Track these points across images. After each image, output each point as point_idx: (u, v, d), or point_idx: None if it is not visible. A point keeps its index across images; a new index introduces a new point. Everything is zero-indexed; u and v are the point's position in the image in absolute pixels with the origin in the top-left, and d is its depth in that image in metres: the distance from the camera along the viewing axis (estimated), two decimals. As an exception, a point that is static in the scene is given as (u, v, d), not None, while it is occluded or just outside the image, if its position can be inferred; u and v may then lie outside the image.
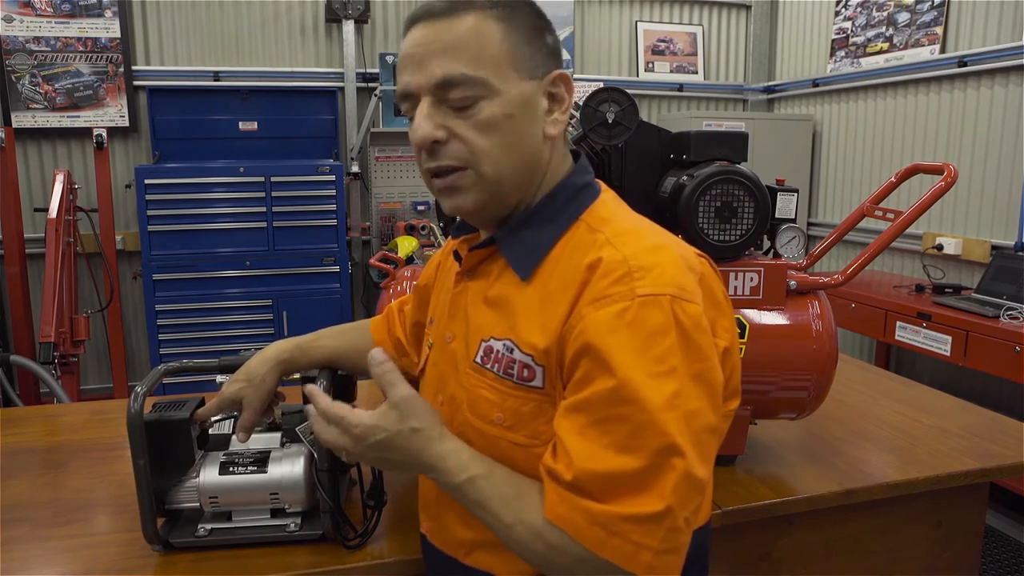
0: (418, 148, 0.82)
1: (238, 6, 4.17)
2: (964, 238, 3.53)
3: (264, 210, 3.81)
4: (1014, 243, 3.24)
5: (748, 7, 4.98)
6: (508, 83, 0.80)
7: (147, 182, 3.65)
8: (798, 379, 1.31)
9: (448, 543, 0.91)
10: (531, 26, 0.82)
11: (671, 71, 4.91)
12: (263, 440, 1.15)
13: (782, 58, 4.95)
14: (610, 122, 1.22)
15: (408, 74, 0.81)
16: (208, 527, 1.10)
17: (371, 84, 4.31)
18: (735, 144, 1.32)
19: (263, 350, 1.13)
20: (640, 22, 4.84)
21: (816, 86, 4.54)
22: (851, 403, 1.73)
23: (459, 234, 0.95)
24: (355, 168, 4.16)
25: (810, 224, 4.67)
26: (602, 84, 3.82)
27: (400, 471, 0.83)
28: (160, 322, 3.75)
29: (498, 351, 0.82)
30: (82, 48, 3.92)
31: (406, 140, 2.98)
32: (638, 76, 4.85)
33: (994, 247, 3.35)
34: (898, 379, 1.95)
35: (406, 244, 3.60)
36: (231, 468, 1.10)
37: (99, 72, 3.96)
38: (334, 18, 4.19)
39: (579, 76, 4.71)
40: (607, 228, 0.80)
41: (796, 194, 1.34)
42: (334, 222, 3.92)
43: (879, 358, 3.90)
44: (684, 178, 1.28)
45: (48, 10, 3.84)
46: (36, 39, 3.85)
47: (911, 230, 3.64)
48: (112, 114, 4.00)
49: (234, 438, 1.15)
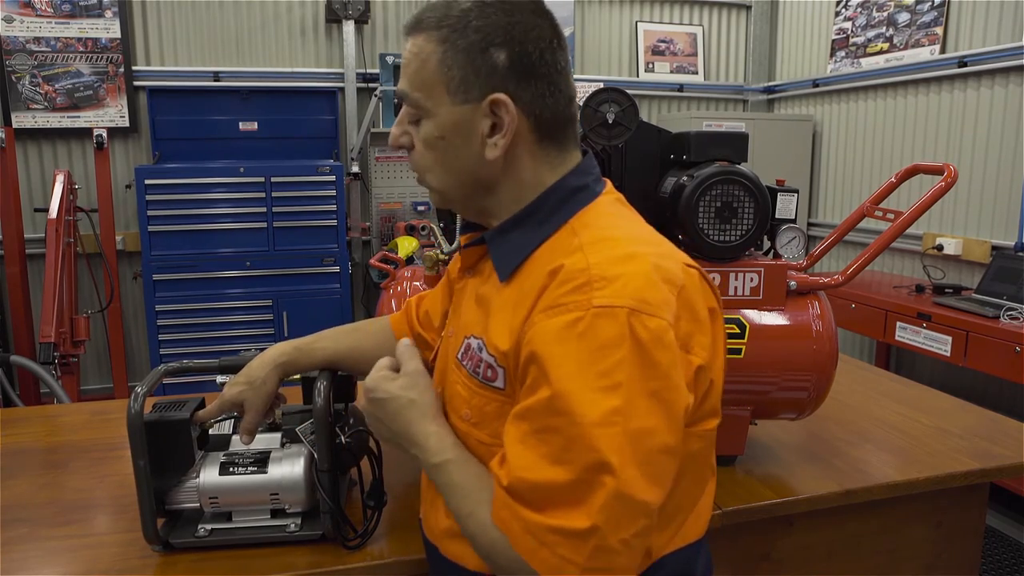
0: None
1: (238, 6, 4.17)
2: (964, 238, 3.53)
3: (264, 210, 3.81)
4: (1014, 243, 3.24)
5: (748, 7, 4.98)
6: (441, 106, 0.81)
7: (147, 182, 3.65)
8: (798, 379, 1.31)
9: (432, 530, 0.93)
10: (474, 47, 0.79)
11: (671, 71, 4.91)
12: (263, 440, 1.15)
13: (782, 58, 4.95)
14: (610, 122, 1.22)
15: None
16: (208, 527, 1.10)
17: (371, 84, 4.31)
18: (735, 144, 1.32)
19: (263, 353, 1.13)
20: (640, 22, 4.84)
21: (816, 86, 4.54)
22: (851, 403, 1.73)
23: (464, 231, 0.96)
24: (355, 168, 4.16)
25: (810, 224, 4.67)
26: (602, 84, 3.81)
27: (389, 438, 0.89)
28: (160, 322, 3.75)
29: (473, 349, 0.84)
30: (82, 48, 3.92)
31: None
32: (638, 76, 4.85)
33: (994, 247, 3.35)
34: (898, 379, 1.95)
35: (406, 244, 3.60)
36: (231, 468, 1.10)
37: (99, 72, 3.96)
38: (334, 18, 4.19)
39: (579, 76, 4.71)
40: (586, 233, 0.79)
41: (796, 194, 1.34)
42: (334, 222, 3.93)
43: (879, 358, 3.90)
44: (684, 178, 1.28)
45: (48, 10, 3.84)
46: (36, 39, 3.85)
47: (911, 230, 3.63)
48: (112, 114, 4.00)
49: (234, 438, 1.15)
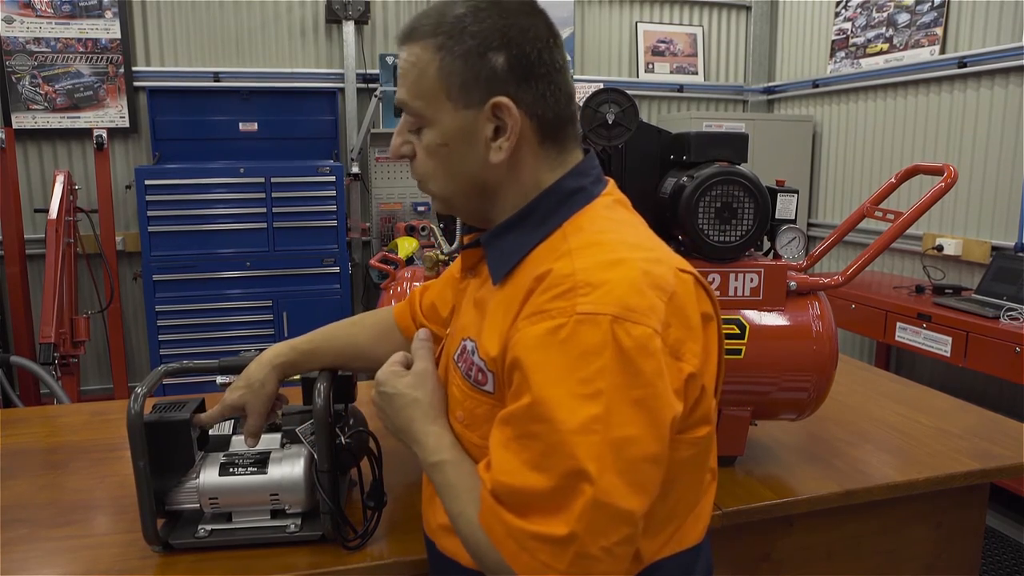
0: None
1: (238, 6, 4.17)
2: (964, 239, 3.53)
3: (264, 211, 3.81)
4: (1014, 244, 3.24)
5: (748, 8, 4.98)
6: (442, 113, 0.81)
7: (147, 183, 3.65)
8: (798, 380, 1.31)
9: (429, 525, 0.94)
10: (472, 52, 0.79)
11: (671, 72, 4.91)
12: (263, 441, 1.15)
13: (782, 59, 4.95)
14: (610, 123, 1.22)
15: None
16: (208, 528, 1.10)
17: (371, 85, 4.32)
18: (735, 145, 1.31)
19: (260, 355, 1.13)
20: (640, 23, 4.84)
21: (816, 87, 4.54)
22: (851, 404, 1.73)
23: (466, 231, 0.96)
24: (355, 169, 4.16)
25: (810, 225, 4.67)
26: (602, 85, 3.81)
27: (393, 432, 0.92)
28: (160, 323, 3.75)
29: (467, 352, 0.84)
30: (82, 49, 3.92)
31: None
32: (638, 77, 4.85)
33: (994, 248, 3.35)
34: (898, 380, 1.95)
35: (406, 245, 3.60)
36: (231, 469, 1.10)
37: (99, 73, 3.96)
38: (334, 19, 4.19)
39: (579, 77, 4.71)
40: (576, 238, 0.78)
41: (796, 195, 1.34)
42: (334, 223, 3.92)
43: (879, 359, 3.90)
44: (684, 179, 1.28)
45: (48, 11, 3.84)
46: (36, 40, 3.85)
47: (911, 231, 3.63)
48: (112, 115, 4.00)
49: (235, 439, 1.15)
